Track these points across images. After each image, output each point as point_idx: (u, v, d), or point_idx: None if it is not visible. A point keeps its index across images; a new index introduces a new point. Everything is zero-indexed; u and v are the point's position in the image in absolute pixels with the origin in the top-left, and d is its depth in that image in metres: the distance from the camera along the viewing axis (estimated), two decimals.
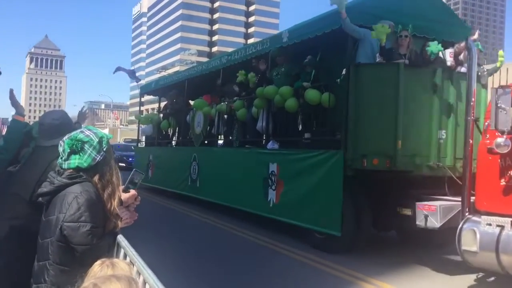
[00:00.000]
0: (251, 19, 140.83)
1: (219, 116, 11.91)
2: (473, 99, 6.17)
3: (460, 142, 7.51)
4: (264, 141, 10.54)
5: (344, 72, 7.84)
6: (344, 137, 7.51)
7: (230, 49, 17.96)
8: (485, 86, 7.91)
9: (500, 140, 5.28)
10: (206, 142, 12.82)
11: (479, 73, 7.89)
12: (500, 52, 8.32)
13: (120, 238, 2.64)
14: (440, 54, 7.65)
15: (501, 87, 5.27)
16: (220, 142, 12.66)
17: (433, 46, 7.31)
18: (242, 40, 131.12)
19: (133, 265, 2.26)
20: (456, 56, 7.61)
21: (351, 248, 7.65)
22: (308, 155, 8.22)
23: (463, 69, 7.88)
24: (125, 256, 2.52)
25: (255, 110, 10.03)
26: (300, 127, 9.24)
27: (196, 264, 7.10)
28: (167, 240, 8.56)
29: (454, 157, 7.57)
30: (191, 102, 14.05)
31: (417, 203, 6.66)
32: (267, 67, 9.70)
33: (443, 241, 7.54)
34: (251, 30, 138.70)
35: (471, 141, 6.16)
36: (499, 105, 5.22)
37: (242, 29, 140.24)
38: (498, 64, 8.41)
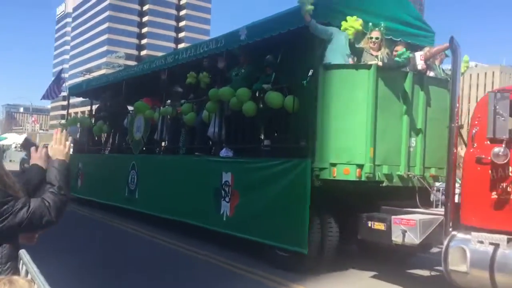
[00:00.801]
0: (182, 23, 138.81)
1: (163, 121, 10.92)
2: (457, 105, 5.72)
3: (430, 151, 7.17)
4: (213, 148, 9.74)
5: (310, 73, 7.20)
6: (311, 144, 6.86)
7: (159, 53, 17.09)
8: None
9: (497, 149, 4.81)
10: (145, 149, 11.74)
11: (448, 79, 7.57)
12: (465, 58, 8.07)
13: (22, 253, 2.59)
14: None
15: (499, 91, 4.81)
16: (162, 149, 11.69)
17: (405, 53, 6.84)
18: (172, 45, 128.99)
19: (34, 282, 2.15)
20: (427, 59, 7.19)
21: (317, 267, 7.00)
22: (269, 164, 7.50)
23: (432, 73, 7.51)
24: (26, 273, 2.51)
25: (206, 114, 9.17)
26: (261, 134, 8.49)
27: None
28: (86, 256, 7.54)
29: (423, 166, 7.14)
30: (130, 105, 12.93)
31: (393, 217, 6.11)
32: (225, 66, 8.86)
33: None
34: (181, 35, 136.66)
35: (455, 150, 5.69)
36: (497, 111, 4.75)
37: (172, 34, 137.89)
38: (462, 70, 8.12)
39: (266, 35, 7.76)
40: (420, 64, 7.16)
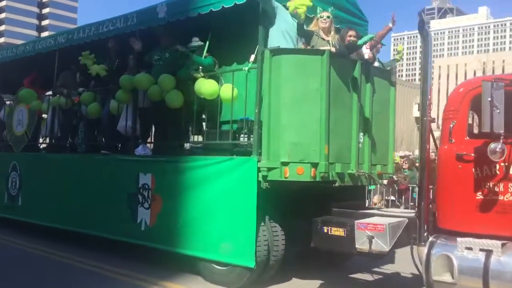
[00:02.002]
0: (45, 10, 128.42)
1: (54, 113, 9.19)
2: (429, 97, 5.19)
3: (375, 146, 6.66)
4: (120, 145, 8.37)
5: (252, 58, 6.25)
6: (256, 140, 5.93)
7: (19, 41, 14.95)
8: (393, 84, 7.13)
9: (494, 145, 4.31)
10: (30, 146, 9.85)
11: (390, 69, 7.13)
12: (400, 47, 7.68)
13: None
14: None
15: (495, 80, 4.30)
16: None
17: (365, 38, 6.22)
18: (34, 33, 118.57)
19: None
20: (372, 47, 6.64)
21: (259, 279, 6.11)
22: (202, 163, 6.42)
23: (376, 64, 6.99)
24: None
25: (115, 105, 7.77)
26: (188, 129, 7.31)
27: None
28: None
29: (371, 163, 6.60)
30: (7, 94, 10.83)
31: (357, 222, 5.43)
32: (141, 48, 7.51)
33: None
34: (45, 22, 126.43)
35: (428, 146, 5.16)
36: (494, 103, 4.24)
37: (35, 21, 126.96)
38: (397, 57, 7.77)
39: (192, 13, 6.62)
40: (367, 53, 6.60)
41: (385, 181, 6.54)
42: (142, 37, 7.49)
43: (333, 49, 5.95)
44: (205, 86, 6.41)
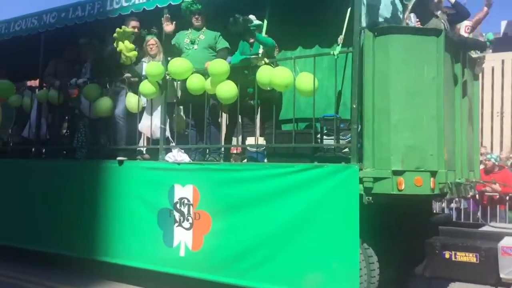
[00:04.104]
0: None
1: (39, 110, 7.41)
2: None
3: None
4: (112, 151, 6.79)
5: (340, 40, 4.98)
6: (356, 143, 4.68)
7: None
8: (477, 77, 6.14)
9: None
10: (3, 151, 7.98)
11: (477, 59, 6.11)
12: (490, 35, 6.64)
13: None
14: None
15: None
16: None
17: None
18: None
19: None
20: (471, 31, 5.58)
21: None
22: (274, 172, 5.04)
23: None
24: None
25: (133, 100, 6.20)
26: (246, 129, 5.86)
27: None
28: None
29: (468, 169, 5.56)
30: None
31: (502, 246, 4.32)
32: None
33: None
34: None
35: None
36: None
37: None
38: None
39: None
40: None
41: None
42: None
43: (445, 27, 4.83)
44: (278, 76, 5.04)
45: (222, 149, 5.98)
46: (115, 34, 6.03)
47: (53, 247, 6.74)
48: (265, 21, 5.63)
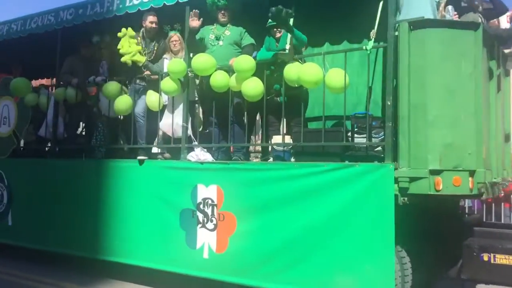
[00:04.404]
0: None
1: (56, 108, 7.26)
2: None
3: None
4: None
5: (373, 34, 4.79)
6: (391, 141, 4.50)
7: None
8: (509, 72, 5.93)
9: None
10: (22, 150, 7.85)
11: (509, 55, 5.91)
12: None
13: None
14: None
15: None
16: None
17: None
18: None
19: None
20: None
21: None
22: (302, 172, 4.85)
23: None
24: None
25: (153, 98, 6.04)
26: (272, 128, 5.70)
27: None
28: None
29: (503, 167, 5.36)
30: None
31: None
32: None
33: None
34: None
35: None
36: None
37: None
38: None
39: None
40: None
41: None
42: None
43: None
44: (307, 72, 4.86)
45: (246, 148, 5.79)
46: (119, 34, 5.94)
47: (72, 249, 6.59)
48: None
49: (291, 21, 5.36)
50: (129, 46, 5.90)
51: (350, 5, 5.25)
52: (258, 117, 6.36)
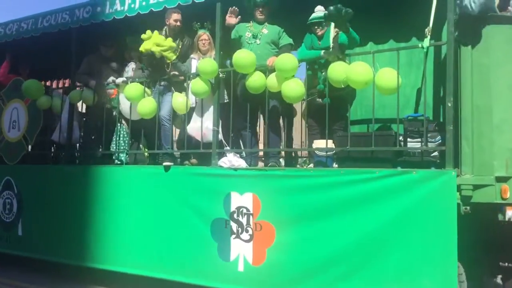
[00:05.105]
0: None
1: (71, 111, 6.85)
2: None
3: None
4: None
5: (428, 32, 4.47)
6: (452, 146, 4.17)
7: None
8: None
9: None
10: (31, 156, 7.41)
11: None
12: None
13: None
14: None
15: None
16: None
17: None
18: None
19: None
20: None
21: None
22: (351, 179, 4.51)
23: None
24: None
25: (180, 101, 5.66)
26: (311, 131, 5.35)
27: None
28: None
29: None
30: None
31: None
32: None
33: None
34: None
35: None
36: None
37: None
38: None
39: None
40: None
41: None
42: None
43: None
44: (357, 72, 4.52)
45: (283, 153, 5.45)
46: (144, 35, 5.61)
47: (89, 261, 6.17)
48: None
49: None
50: (165, 40, 5.51)
51: (395, 1, 4.93)
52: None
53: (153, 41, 5.52)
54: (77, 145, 6.94)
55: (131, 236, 5.79)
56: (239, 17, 5.32)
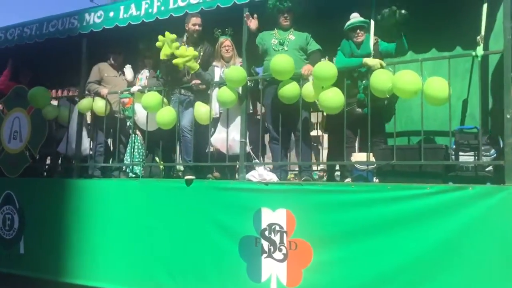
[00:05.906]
0: None
1: (81, 122, 6.45)
2: None
3: None
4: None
5: (480, 39, 4.23)
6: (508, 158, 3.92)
7: None
8: None
9: None
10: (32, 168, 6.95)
11: None
12: None
13: None
14: None
15: None
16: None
17: None
18: None
19: None
20: None
21: None
22: (400, 195, 4.22)
23: None
24: None
25: (203, 111, 5.33)
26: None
27: None
28: None
29: None
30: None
31: None
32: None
33: None
34: None
35: None
36: None
37: None
38: None
39: None
40: None
41: None
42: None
43: None
44: (405, 80, 4.25)
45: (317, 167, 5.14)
46: (158, 43, 5.28)
47: (100, 281, 5.75)
48: (372, 21, 4.88)
49: (372, 27, 4.82)
50: (186, 50, 5.21)
51: (438, 8, 4.71)
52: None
53: (173, 46, 5.16)
54: (87, 156, 6.49)
55: (147, 255, 5.39)
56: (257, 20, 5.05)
